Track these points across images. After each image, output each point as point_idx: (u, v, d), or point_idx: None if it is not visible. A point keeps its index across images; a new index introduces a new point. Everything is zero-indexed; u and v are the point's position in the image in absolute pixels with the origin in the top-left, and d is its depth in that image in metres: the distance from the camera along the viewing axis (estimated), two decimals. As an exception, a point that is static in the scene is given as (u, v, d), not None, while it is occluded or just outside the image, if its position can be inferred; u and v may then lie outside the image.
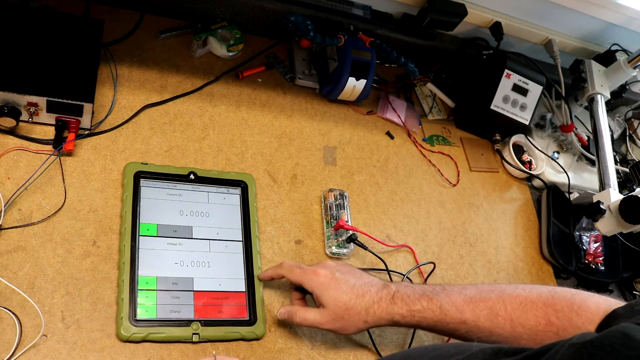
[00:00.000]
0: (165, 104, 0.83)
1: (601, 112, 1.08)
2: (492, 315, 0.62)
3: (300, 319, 0.67)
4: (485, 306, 0.63)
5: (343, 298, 0.65)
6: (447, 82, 1.15)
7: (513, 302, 0.62)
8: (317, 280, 0.66)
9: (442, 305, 0.64)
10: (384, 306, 0.65)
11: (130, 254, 0.67)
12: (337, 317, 0.65)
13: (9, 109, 0.67)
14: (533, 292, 0.62)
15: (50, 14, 0.75)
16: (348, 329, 0.66)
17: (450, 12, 0.99)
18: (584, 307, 0.58)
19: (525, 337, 0.60)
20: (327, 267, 0.68)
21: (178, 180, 0.75)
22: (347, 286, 0.66)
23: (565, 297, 0.60)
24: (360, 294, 0.65)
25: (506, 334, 0.61)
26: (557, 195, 1.08)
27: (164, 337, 0.64)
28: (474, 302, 0.63)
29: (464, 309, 0.63)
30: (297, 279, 0.68)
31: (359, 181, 0.92)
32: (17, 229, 0.65)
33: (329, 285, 0.66)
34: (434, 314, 0.64)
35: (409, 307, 0.64)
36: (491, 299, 0.63)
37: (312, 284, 0.66)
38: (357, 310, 0.65)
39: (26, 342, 0.58)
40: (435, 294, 0.65)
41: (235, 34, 0.93)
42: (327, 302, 0.65)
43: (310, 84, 0.97)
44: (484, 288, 0.65)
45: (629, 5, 1.08)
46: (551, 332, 0.59)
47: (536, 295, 0.62)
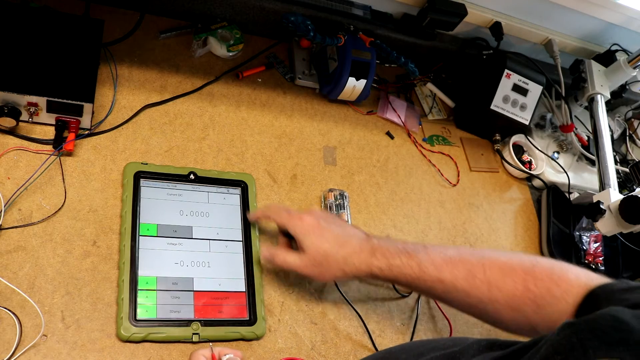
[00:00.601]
0: (165, 104, 0.83)
1: (601, 112, 1.08)
2: (470, 277, 0.62)
3: (280, 261, 0.68)
4: (464, 267, 0.63)
5: (324, 245, 0.66)
6: (447, 82, 1.15)
7: (493, 266, 0.62)
8: (301, 225, 0.67)
9: (421, 262, 0.64)
10: (363, 258, 0.65)
11: (130, 254, 0.67)
12: (315, 262, 0.66)
13: (9, 109, 0.67)
14: (514, 259, 0.62)
15: (50, 14, 0.75)
16: (325, 276, 0.66)
17: (450, 12, 0.99)
18: (563, 278, 0.58)
19: (502, 302, 0.60)
20: (313, 214, 0.68)
21: (178, 180, 0.75)
22: (330, 234, 0.66)
23: (545, 266, 0.60)
24: (341, 243, 0.66)
25: (483, 296, 0.61)
26: (557, 195, 1.08)
27: (164, 337, 0.64)
28: (454, 262, 0.63)
29: (442, 268, 0.63)
30: (283, 222, 0.69)
31: (359, 181, 0.92)
32: (17, 229, 0.65)
33: (312, 231, 0.66)
34: (412, 271, 0.64)
35: (388, 261, 0.65)
36: (471, 262, 0.63)
37: (296, 228, 0.67)
38: (335, 258, 0.65)
39: (26, 342, 0.58)
40: (416, 252, 0.65)
41: (235, 34, 0.93)
42: (307, 247, 0.66)
43: (310, 84, 0.97)
44: (466, 251, 0.65)
45: (629, 5, 1.08)
46: (528, 298, 0.59)
47: (517, 262, 0.62)
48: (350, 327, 0.76)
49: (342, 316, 0.76)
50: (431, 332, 0.81)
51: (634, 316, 0.37)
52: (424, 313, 0.82)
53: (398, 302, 0.82)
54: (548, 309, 0.57)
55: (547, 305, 0.57)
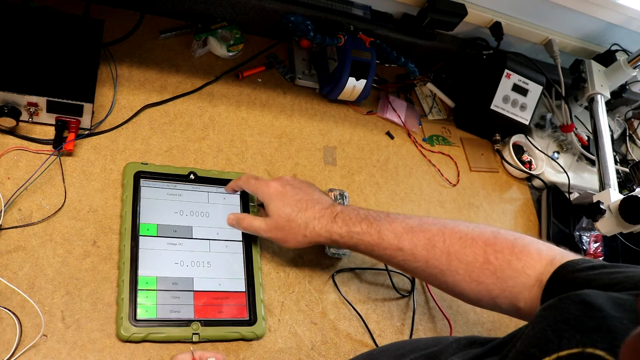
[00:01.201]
0: (165, 104, 0.83)
1: (601, 112, 1.08)
2: (429, 246, 0.62)
3: (246, 225, 0.70)
4: (424, 236, 0.63)
5: (286, 210, 0.67)
6: (447, 82, 1.15)
7: (453, 236, 0.62)
8: (267, 191, 0.69)
9: (381, 230, 0.64)
10: (323, 223, 0.66)
11: (130, 254, 0.67)
12: (278, 226, 0.67)
13: (9, 109, 0.67)
14: (475, 230, 0.62)
15: (50, 14, 0.75)
16: (288, 241, 0.68)
17: (450, 12, 0.99)
18: (525, 252, 0.58)
19: (461, 272, 0.60)
20: (280, 180, 0.70)
21: (178, 180, 0.75)
22: (293, 199, 0.68)
23: (507, 238, 0.60)
24: (304, 208, 0.67)
25: (442, 266, 0.61)
26: (557, 195, 1.08)
27: (164, 337, 0.64)
28: (414, 231, 0.63)
29: (402, 236, 0.63)
30: (251, 188, 0.71)
31: (359, 181, 0.92)
32: (17, 229, 0.65)
33: (276, 196, 0.68)
34: (372, 238, 0.64)
35: (348, 228, 0.65)
36: (431, 231, 0.63)
37: (263, 194, 0.69)
38: (297, 222, 0.66)
39: (26, 342, 0.58)
40: (377, 220, 0.65)
41: (235, 34, 0.93)
42: (271, 211, 0.68)
43: (310, 84, 0.97)
44: (428, 220, 0.65)
45: (629, 5, 1.08)
46: (488, 270, 0.59)
47: (478, 233, 0.61)
48: (350, 327, 0.76)
49: (342, 316, 0.76)
50: (431, 331, 0.81)
51: (608, 300, 0.37)
52: (424, 313, 0.82)
53: (398, 302, 0.82)
54: (509, 281, 0.57)
55: (508, 278, 0.57)
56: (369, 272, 0.82)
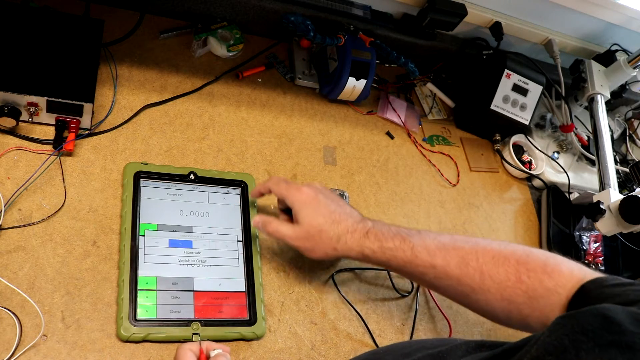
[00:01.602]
0: (165, 104, 0.83)
1: (601, 112, 1.08)
2: (462, 264, 0.61)
3: (272, 229, 0.67)
4: (457, 254, 0.62)
5: (319, 219, 0.65)
6: (447, 82, 1.15)
7: (486, 255, 0.61)
8: (299, 197, 0.66)
9: (414, 246, 0.63)
10: (356, 237, 0.65)
11: (130, 254, 0.67)
12: (308, 236, 0.65)
13: (9, 109, 0.67)
14: (508, 248, 0.62)
15: (50, 14, 0.75)
16: (316, 252, 0.66)
17: (450, 12, 0.99)
18: (557, 271, 0.57)
19: (493, 291, 0.59)
20: (312, 186, 0.68)
21: (178, 180, 0.75)
22: (326, 209, 0.65)
23: (539, 257, 0.60)
24: (337, 221, 0.65)
25: (474, 284, 0.60)
26: (557, 195, 1.08)
27: (164, 337, 0.64)
28: (447, 248, 0.63)
29: (435, 253, 0.62)
30: (281, 192, 0.68)
31: (359, 181, 0.92)
32: (17, 229, 0.65)
33: (309, 203, 0.66)
34: (405, 254, 0.63)
35: (380, 244, 0.64)
36: (464, 249, 0.62)
37: (293, 199, 0.66)
38: (329, 235, 0.64)
39: (26, 342, 0.58)
40: (410, 236, 0.64)
41: (235, 34, 0.93)
42: (302, 219, 0.65)
43: (310, 84, 0.97)
44: (460, 238, 0.65)
45: (629, 5, 1.08)
46: (520, 289, 0.58)
47: (510, 252, 0.61)
48: (350, 327, 0.76)
49: (342, 316, 0.76)
50: (431, 332, 0.81)
51: (628, 315, 0.37)
52: (424, 313, 0.82)
53: (398, 302, 0.82)
54: (540, 301, 0.57)
55: (539, 297, 0.57)
56: (369, 272, 0.82)
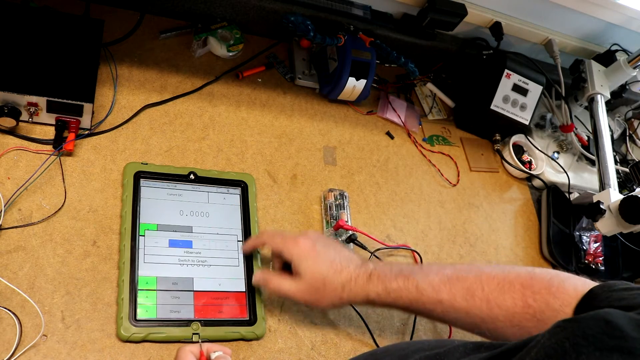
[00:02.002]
0: (165, 104, 0.83)
1: (601, 112, 1.08)
2: (468, 296, 0.61)
3: (274, 286, 0.66)
4: (462, 286, 0.61)
5: (321, 270, 0.63)
6: (447, 82, 1.15)
7: (490, 283, 0.60)
8: (297, 249, 0.65)
9: (419, 284, 0.62)
10: (360, 283, 0.64)
11: (130, 254, 0.67)
12: (312, 289, 0.64)
13: (9, 109, 0.67)
14: (512, 273, 0.61)
15: (50, 14, 0.75)
16: (322, 303, 0.64)
17: (450, 12, 0.99)
18: (561, 290, 0.57)
19: (502, 319, 0.59)
20: (309, 237, 0.66)
21: (178, 180, 0.75)
22: (327, 259, 0.64)
23: (543, 278, 0.59)
24: (339, 270, 0.64)
25: (483, 314, 0.60)
26: (557, 195, 1.08)
27: (164, 337, 0.64)
28: (451, 281, 0.62)
29: (440, 288, 0.62)
30: (278, 246, 0.67)
31: (359, 181, 0.92)
32: (17, 229, 0.65)
33: (308, 255, 0.64)
34: (410, 293, 0.62)
35: (385, 286, 0.63)
36: (468, 279, 0.62)
37: (291, 252, 0.65)
38: (333, 285, 0.63)
39: (26, 342, 0.58)
40: (413, 273, 0.64)
41: (235, 34, 0.93)
42: (304, 272, 0.64)
43: (310, 84, 0.97)
44: (462, 268, 0.64)
45: (629, 5, 1.08)
46: (528, 314, 0.58)
47: (514, 276, 0.60)
48: (350, 327, 0.76)
49: (342, 316, 0.76)
50: (431, 332, 0.81)
51: (630, 321, 0.37)
52: (424, 313, 0.82)
53: (398, 302, 0.82)
54: (548, 322, 0.56)
55: (547, 319, 0.56)
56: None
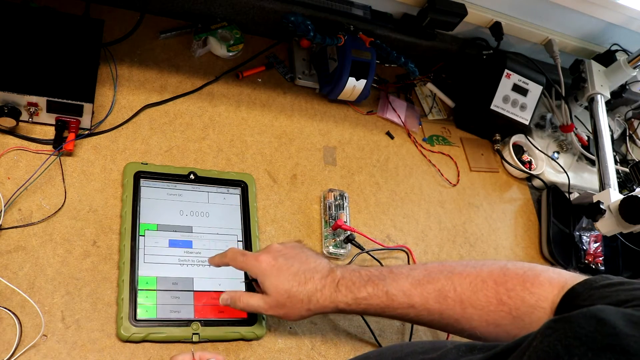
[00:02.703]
0: (165, 104, 0.83)
1: (601, 112, 1.08)
2: (441, 298, 0.60)
3: (243, 304, 0.64)
4: (434, 288, 0.60)
5: (285, 285, 0.62)
6: (447, 82, 1.15)
7: (463, 282, 0.59)
8: (259, 267, 0.63)
9: (389, 290, 0.61)
10: (327, 294, 0.62)
11: (130, 254, 0.67)
12: (279, 304, 0.62)
13: (9, 109, 0.67)
14: (484, 270, 0.60)
15: (50, 14, 0.75)
16: (290, 316, 0.63)
17: (450, 12, 0.99)
18: (536, 284, 0.56)
19: (477, 318, 0.58)
20: (270, 252, 0.65)
21: (178, 180, 0.75)
22: (290, 273, 0.63)
23: (517, 274, 0.58)
24: (303, 281, 0.62)
25: (457, 315, 0.59)
26: (557, 195, 1.08)
27: (164, 337, 0.64)
28: (422, 284, 0.61)
29: (411, 292, 0.60)
30: (240, 266, 0.65)
31: (359, 181, 0.92)
32: (17, 229, 0.65)
33: (270, 272, 0.63)
34: (380, 301, 0.61)
35: (353, 295, 0.62)
36: (440, 280, 0.61)
37: (254, 270, 0.63)
38: (299, 297, 0.62)
39: (26, 342, 0.58)
40: (382, 279, 0.62)
41: (235, 34, 0.93)
42: (268, 289, 0.62)
43: (310, 84, 0.97)
44: (434, 268, 0.63)
45: (629, 5, 1.08)
46: (503, 311, 0.57)
47: (487, 273, 0.59)
48: (350, 327, 0.76)
49: (342, 316, 0.76)
50: (430, 332, 0.81)
51: (622, 317, 0.36)
52: (424, 313, 0.82)
53: (398, 302, 0.82)
54: (525, 319, 0.56)
55: (524, 315, 0.56)
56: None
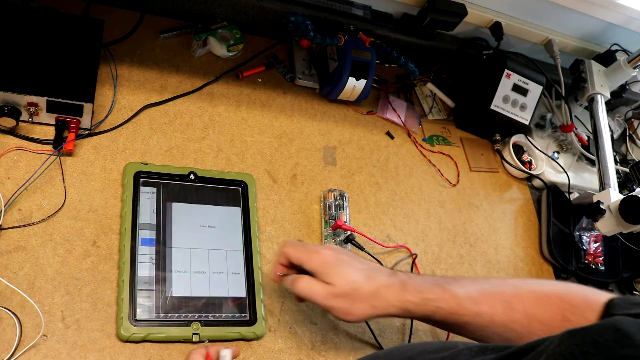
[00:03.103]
0: (165, 104, 0.83)
1: (601, 112, 1.08)
2: (508, 309, 0.58)
3: (304, 287, 0.60)
4: (501, 299, 0.58)
5: (353, 276, 0.59)
6: (447, 82, 1.15)
7: (529, 296, 0.58)
8: (321, 259, 0.60)
9: (457, 294, 0.58)
10: (395, 292, 0.59)
11: (130, 254, 0.67)
12: (344, 294, 0.58)
13: (9, 109, 0.67)
14: (548, 286, 0.59)
15: (50, 14, 0.75)
16: (353, 312, 0.59)
17: (450, 12, 0.99)
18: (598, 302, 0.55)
19: (540, 334, 0.56)
20: (331, 248, 0.62)
21: (178, 180, 0.75)
22: (355, 267, 0.60)
23: (579, 292, 0.57)
24: (370, 277, 0.59)
25: (521, 329, 0.57)
26: (557, 195, 1.08)
27: (164, 337, 0.64)
28: (489, 294, 0.59)
29: (479, 300, 0.58)
30: (299, 255, 0.61)
31: (359, 181, 0.92)
32: (17, 229, 0.65)
33: (335, 263, 0.59)
34: (448, 305, 0.58)
35: (422, 295, 0.59)
36: (506, 292, 0.59)
37: (314, 263, 0.60)
38: (366, 291, 0.58)
39: (26, 342, 0.58)
40: (448, 284, 0.60)
41: (235, 34, 0.93)
42: (334, 278, 0.58)
43: (310, 84, 0.97)
44: (497, 281, 0.61)
45: (629, 5, 1.08)
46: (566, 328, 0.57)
47: (551, 289, 0.58)
48: (350, 327, 0.76)
49: (342, 316, 0.76)
50: (430, 332, 0.81)
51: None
52: (424, 313, 0.82)
53: (398, 302, 0.82)
54: None
55: None
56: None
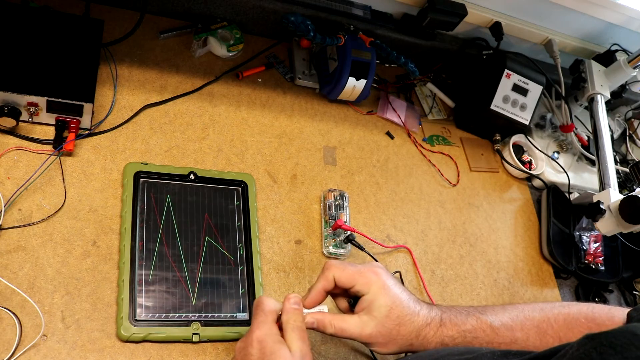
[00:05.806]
0: (165, 104, 0.83)
1: (601, 112, 1.08)
2: (541, 334, 0.59)
3: (337, 329, 0.56)
4: (532, 324, 0.59)
5: (398, 310, 0.56)
6: (447, 82, 1.15)
7: (558, 320, 0.59)
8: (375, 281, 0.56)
9: (492, 323, 0.59)
10: (434, 329, 0.58)
11: (130, 254, 0.67)
12: (384, 329, 0.56)
13: (9, 109, 0.67)
14: (573, 308, 0.60)
15: (50, 14, 0.75)
16: (389, 347, 0.57)
17: (450, 12, 0.99)
18: (621, 318, 0.56)
19: None
20: (380, 267, 0.59)
21: (178, 180, 0.75)
22: (401, 299, 0.57)
23: (603, 311, 0.59)
24: (415, 312, 0.57)
25: None
26: (557, 195, 1.08)
27: (164, 337, 0.64)
28: (521, 320, 0.60)
29: (513, 327, 0.59)
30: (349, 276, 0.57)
31: (359, 181, 0.92)
32: (17, 229, 0.65)
33: (382, 291, 0.56)
34: (485, 334, 0.58)
35: (459, 328, 0.58)
36: (536, 318, 0.60)
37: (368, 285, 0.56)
38: (408, 329, 0.56)
39: (26, 342, 0.58)
40: (482, 314, 0.60)
41: (235, 34, 0.93)
42: (378, 309, 0.56)
43: (310, 84, 0.97)
44: (524, 307, 0.62)
45: (629, 5, 1.08)
46: None
47: (576, 311, 0.59)
48: (350, 327, 0.76)
49: (342, 316, 0.76)
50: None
51: None
52: (424, 313, 0.82)
53: (398, 302, 0.82)
54: None
55: None
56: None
